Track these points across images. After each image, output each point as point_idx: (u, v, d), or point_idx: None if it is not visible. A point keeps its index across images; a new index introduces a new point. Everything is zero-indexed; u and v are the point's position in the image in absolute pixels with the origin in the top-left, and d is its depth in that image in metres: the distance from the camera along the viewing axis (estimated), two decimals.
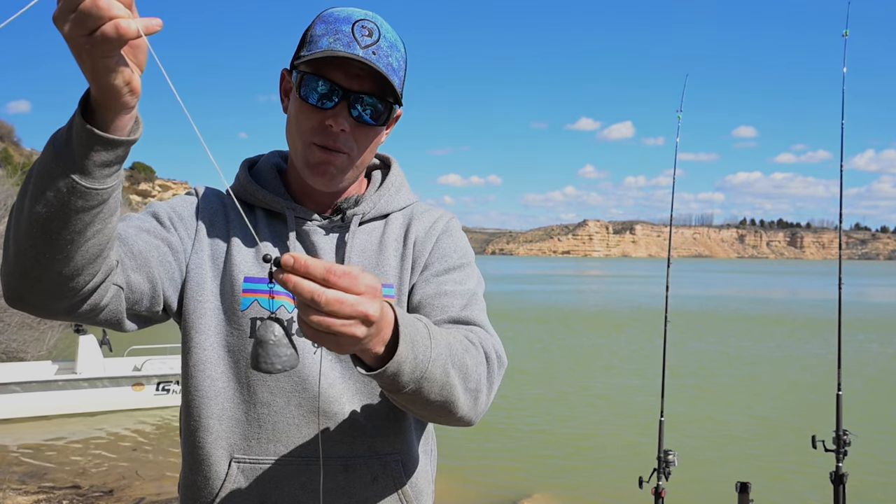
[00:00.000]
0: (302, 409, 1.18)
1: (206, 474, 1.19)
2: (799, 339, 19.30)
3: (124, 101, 0.82)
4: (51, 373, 9.72)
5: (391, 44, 1.15)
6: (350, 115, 1.14)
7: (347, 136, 1.15)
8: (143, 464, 7.47)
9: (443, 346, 0.99)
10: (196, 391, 1.19)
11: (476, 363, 1.07)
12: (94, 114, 0.84)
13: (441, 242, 1.28)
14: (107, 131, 0.84)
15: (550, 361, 14.77)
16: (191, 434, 1.21)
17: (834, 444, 3.36)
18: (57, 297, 0.95)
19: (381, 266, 1.24)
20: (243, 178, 1.28)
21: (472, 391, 1.06)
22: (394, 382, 0.93)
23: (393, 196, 1.31)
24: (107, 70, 0.78)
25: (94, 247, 0.93)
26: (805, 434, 3.54)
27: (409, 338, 0.92)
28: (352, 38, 1.11)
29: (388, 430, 1.21)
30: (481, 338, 1.14)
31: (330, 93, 1.13)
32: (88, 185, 0.86)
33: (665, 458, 3.67)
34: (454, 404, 1.03)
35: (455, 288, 1.22)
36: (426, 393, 0.98)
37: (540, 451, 8.27)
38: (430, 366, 0.96)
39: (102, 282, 0.99)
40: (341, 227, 1.25)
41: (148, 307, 1.13)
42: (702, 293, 42.89)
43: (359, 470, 1.19)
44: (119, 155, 0.87)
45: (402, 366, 0.91)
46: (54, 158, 0.86)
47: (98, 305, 1.01)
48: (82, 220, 0.88)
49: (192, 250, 1.21)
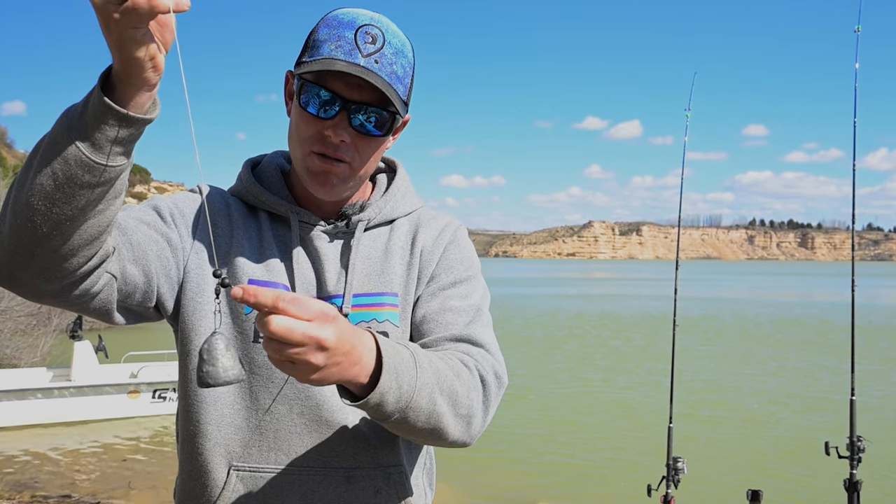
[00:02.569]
0: (304, 418, 1.17)
1: (203, 482, 1.18)
2: (811, 342, 19.26)
3: (146, 76, 0.83)
4: (45, 380, 9.71)
5: (396, 50, 1.13)
6: (350, 125, 1.12)
7: (348, 146, 1.14)
8: (137, 473, 7.48)
9: (429, 375, 1.00)
10: (195, 396, 1.18)
11: (468, 389, 1.07)
12: (114, 89, 0.85)
13: (448, 253, 1.27)
14: (124, 108, 0.85)
15: (556, 367, 14.75)
16: (188, 440, 1.20)
17: (848, 450, 3.34)
18: (48, 277, 0.94)
19: (387, 273, 1.23)
20: (246, 179, 1.26)
21: (464, 416, 1.06)
22: (378, 412, 0.94)
23: (399, 201, 1.30)
24: (133, 42, 0.79)
25: (94, 228, 0.92)
26: (818, 440, 3.52)
27: (393, 367, 0.93)
28: (354, 45, 1.10)
29: (391, 440, 1.20)
30: (478, 360, 1.13)
31: (330, 102, 1.11)
32: (97, 160, 0.86)
33: (674, 465, 3.66)
34: (443, 431, 1.04)
35: (460, 304, 1.21)
36: (412, 421, 0.98)
37: (545, 459, 8.26)
38: (416, 395, 0.96)
39: (97, 267, 0.98)
40: (346, 232, 1.24)
41: (140, 301, 1.11)
42: (711, 296, 42.83)
43: (361, 481, 1.18)
44: (132, 133, 0.87)
45: (384, 396, 0.92)
46: (66, 130, 0.86)
47: (89, 291, 1.00)
48: (86, 196, 0.88)
49: (192, 249, 1.19)
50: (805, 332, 22.01)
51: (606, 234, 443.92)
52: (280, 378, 1.17)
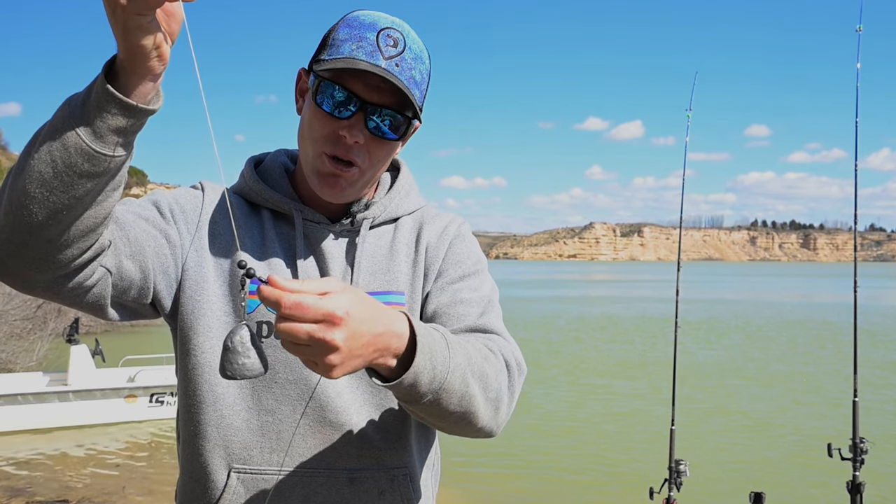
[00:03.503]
0: (308, 418, 1.16)
1: (203, 484, 1.17)
2: (813, 343, 19.26)
3: (151, 65, 0.83)
4: (41, 384, 9.70)
5: (416, 56, 1.13)
6: (366, 126, 1.12)
7: (361, 149, 1.13)
8: (133, 479, 7.47)
9: (461, 356, 1.00)
10: (194, 396, 1.17)
11: (496, 372, 1.07)
12: (118, 78, 0.85)
13: (454, 248, 1.28)
14: (128, 97, 0.85)
15: (557, 370, 14.74)
16: (188, 442, 1.19)
17: (850, 452, 3.35)
18: (41, 267, 0.93)
19: (392, 272, 1.23)
20: (249, 177, 1.26)
21: (493, 401, 1.06)
22: (411, 393, 0.94)
23: (403, 199, 1.30)
24: (139, 29, 0.79)
25: (90, 219, 0.92)
26: (820, 442, 3.53)
27: (427, 348, 0.93)
28: (375, 46, 1.09)
29: (396, 443, 1.20)
30: (500, 346, 1.14)
31: (347, 102, 1.11)
32: (97, 149, 0.86)
33: (676, 467, 3.66)
34: (474, 415, 1.04)
35: (471, 295, 1.22)
36: (445, 404, 0.98)
37: (546, 462, 8.26)
38: (449, 376, 0.96)
39: (91, 260, 0.97)
40: (350, 231, 1.24)
41: (136, 298, 1.10)
42: (713, 297, 42.83)
43: (365, 483, 1.18)
44: (134, 123, 0.87)
45: (419, 376, 0.92)
46: (67, 117, 0.86)
47: (83, 285, 0.99)
48: (84, 186, 0.88)
49: (191, 247, 1.18)
50: (807, 333, 22.01)
51: (608, 236, 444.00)
52: (283, 379, 1.16)
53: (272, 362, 1.16)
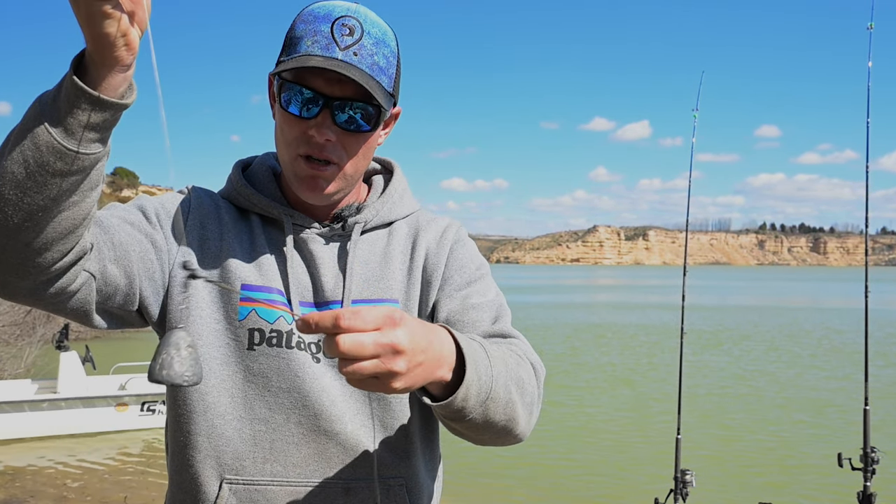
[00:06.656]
0: (302, 428, 1.16)
1: (194, 496, 1.17)
2: (823, 350, 19.25)
3: (118, 54, 0.82)
4: (30, 392, 9.68)
5: (377, 40, 1.12)
6: (334, 122, 1.11)
7: (335, 145, 1.13)
8: (123, 489, 7.45)
9: (500, 364, 1.01)
10: (183, 405, 1.17)
11: (528, 376, 1.09)
12: (88, 72, 0.84)
13: (456, 253, 1.28)
14: (97, 90, 0.84)
15: (560, 377, 14.73)
16: (178, 452, 1.19)
17: (861, 462, 3.35)
18: (20, 272, 0.93)
19: (386, 279, 1.22)
20: (236, 181, 1.26)
21: (528, 405, 1.08)
22: (461, 409, 0.95)
23: (396, 203, 1.29)
24: (102, 16, 0.78)
25: (68, 220, 0.91)
26: (830, 452, 3.53)
27: (473, 360, 0.94)
28: (330, 39, 1.09)
29: (393, 452, 1.20)
30: (524, 350, 1.15)
31: (311, 101, 1.10)
32: (69, 147, 0.85)
33: (682, 478, 3.67)
34: (515, 421, 1.05)
35: (481, 300, 1.22)
36: (492, 414, 0.99)
37: (550, 472, 8.24)
38: (494, 384, 0.98)
39: (73, 264, 0.96)
40: (342, 235, 1.23)
41: (121, 304, 1.10)
42: (720, 303, 42.82)
43: (360, 494, 1.17)
44: (107, 119, 0.86)
45: (469, 389, 0.93)
46: (38, 115, 0.86)
47: (66, 290, 0.98)
48: (59, 185, 0.87)
49: (179, 252, 1.17)
50: (817, 339, 21.99)
51: (612, 239, 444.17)
52: (276, 387, 1.16)
53: (265, 370, 1.16)
